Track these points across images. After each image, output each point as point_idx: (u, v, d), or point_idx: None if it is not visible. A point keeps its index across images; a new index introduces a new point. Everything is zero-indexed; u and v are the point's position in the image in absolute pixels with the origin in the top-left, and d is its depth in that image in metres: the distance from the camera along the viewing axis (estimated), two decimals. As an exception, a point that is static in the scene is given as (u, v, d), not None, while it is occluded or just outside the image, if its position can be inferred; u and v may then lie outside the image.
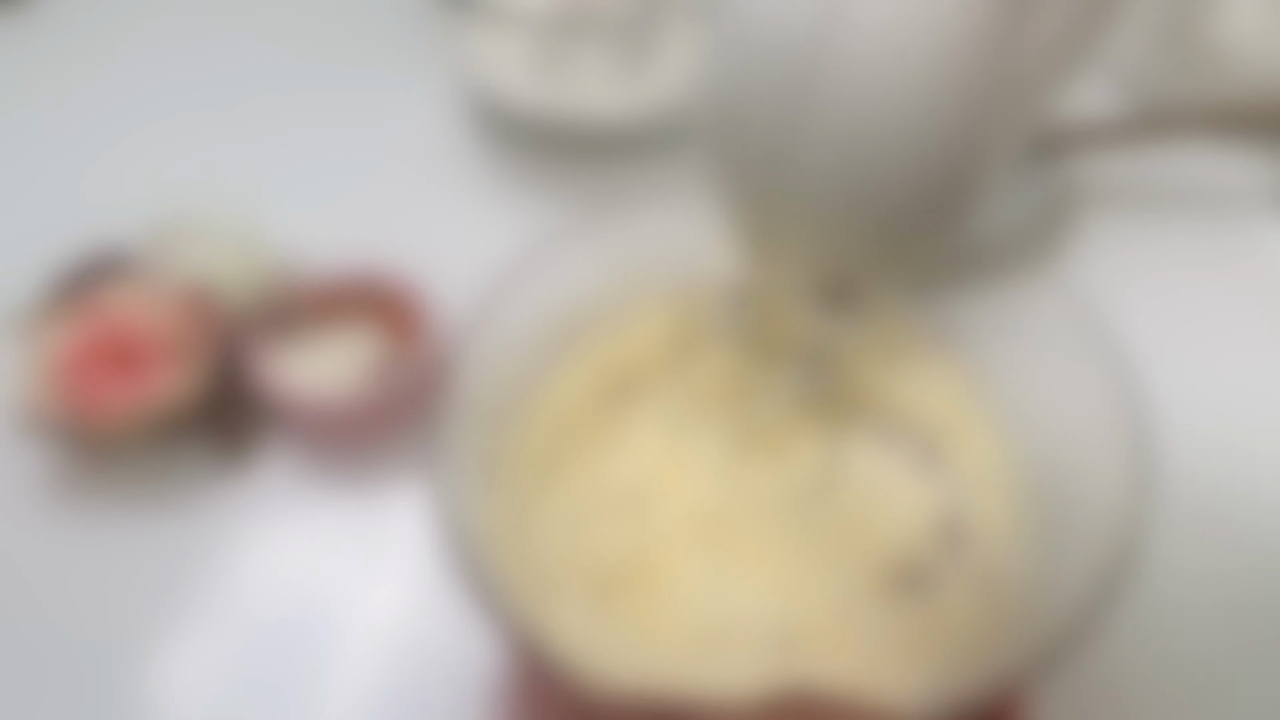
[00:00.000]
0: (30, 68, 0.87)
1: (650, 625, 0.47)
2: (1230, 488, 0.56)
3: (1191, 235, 0.69)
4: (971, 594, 0.47)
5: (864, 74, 0.27)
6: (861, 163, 0.28)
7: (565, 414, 0.53)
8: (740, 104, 0.29)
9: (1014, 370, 0.52)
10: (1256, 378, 0.61)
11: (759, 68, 0.28)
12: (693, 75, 0.65)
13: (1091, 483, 0.46)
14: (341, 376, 0.59)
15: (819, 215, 0.31)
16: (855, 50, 0.26)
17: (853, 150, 0.28)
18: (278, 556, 0.54)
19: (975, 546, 0.49)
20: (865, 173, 0.29)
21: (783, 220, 0.32)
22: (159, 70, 0.86)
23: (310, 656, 0.50)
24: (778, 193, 0.31)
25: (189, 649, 0.51)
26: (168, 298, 0.55)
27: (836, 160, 0.29)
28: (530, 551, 0.50)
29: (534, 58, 0.71)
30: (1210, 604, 0.51)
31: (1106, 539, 0.42)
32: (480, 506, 0.48)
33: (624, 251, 0.55)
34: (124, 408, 0.54)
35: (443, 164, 0.77)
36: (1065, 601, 0.43)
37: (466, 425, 0.49)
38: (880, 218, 0.30)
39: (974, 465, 0.52)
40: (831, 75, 0.27)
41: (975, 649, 0.45)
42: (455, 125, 0.80)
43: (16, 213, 0.75)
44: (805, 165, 0.29)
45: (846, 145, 0.28)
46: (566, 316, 0.54)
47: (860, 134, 0.28)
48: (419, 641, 0.51)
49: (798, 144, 0.29)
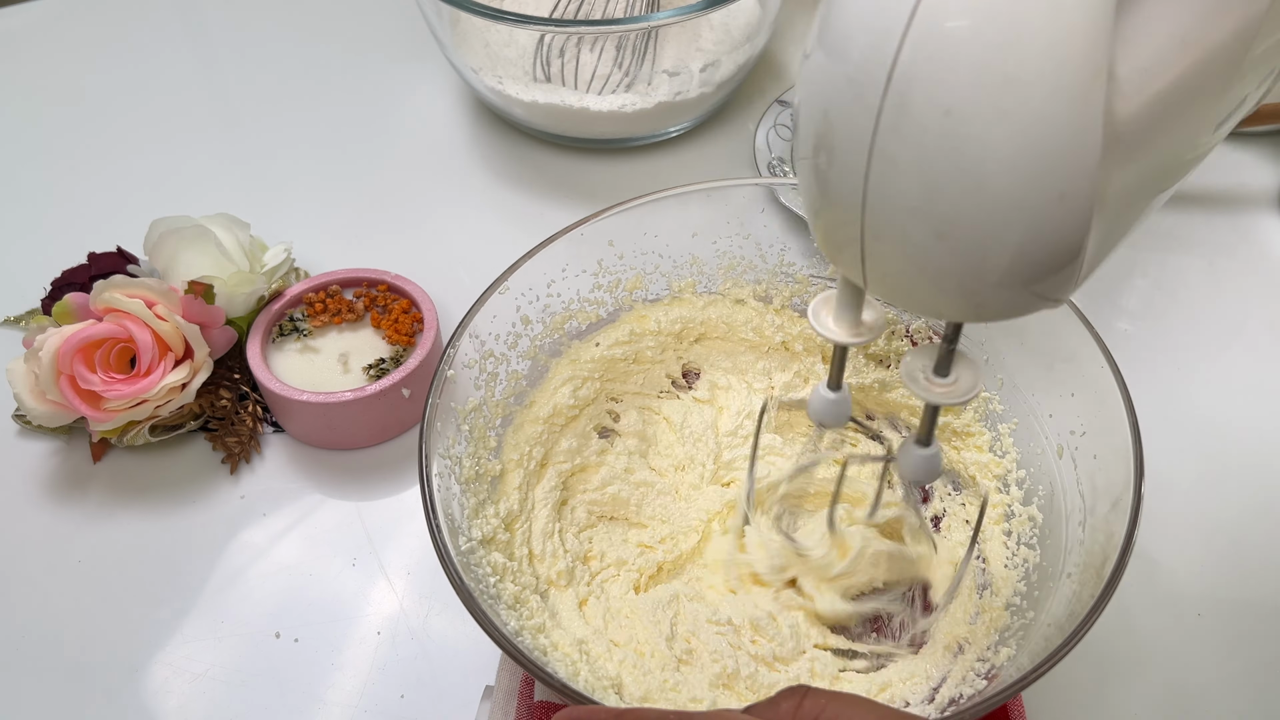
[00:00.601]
0: (32, 68, 0.87)
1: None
2: (1228, 483, 0.56)
3: (1196, 231, 0.69)
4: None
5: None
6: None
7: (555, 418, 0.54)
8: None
9: (1016, 371, 0.52)
10: (1260, 372, 0.61)
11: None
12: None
13: (1087, 490, 0.46)
14: (341, 377, 0.59)
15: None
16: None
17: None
18: (277, 555, 0.54)
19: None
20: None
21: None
22: (160, 70, 0.86)
23: (310, 655, 0.50)
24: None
25: (189, 646, 0.51)
26: (168, 298, 0.56)
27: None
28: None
29: (534, 58, 0.71)
30: (1200, 596, 0.51)
31: (1101, 546, 0.42)
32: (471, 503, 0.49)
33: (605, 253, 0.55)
34: (124, 408, 0.54)
35: (443, 165, 0.77)
36: (1062, 600, 0.43)
37: (458, 424, 0.49)
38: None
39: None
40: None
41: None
42: (456, 126, 0.80)
43: (19, 214, 0.75)
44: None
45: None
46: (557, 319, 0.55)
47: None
48: (418, 640, 0.51)
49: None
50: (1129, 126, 0.27)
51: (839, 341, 0.37)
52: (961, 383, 0.36)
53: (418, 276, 0.63)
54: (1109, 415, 0.44)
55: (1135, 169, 0.28)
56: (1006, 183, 0.27)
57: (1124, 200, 0.29)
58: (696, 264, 0.56)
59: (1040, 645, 0.40)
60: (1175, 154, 0.30)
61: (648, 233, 0.55)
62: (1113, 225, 0.29)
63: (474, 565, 0.45)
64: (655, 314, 0.56)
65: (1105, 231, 0.29)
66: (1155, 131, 0.28)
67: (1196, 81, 0.28)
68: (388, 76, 0.84)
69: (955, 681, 0.44)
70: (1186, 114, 0.28)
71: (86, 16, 0.91)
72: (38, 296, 0.64)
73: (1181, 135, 0.29)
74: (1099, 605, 0.38)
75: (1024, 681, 0.37)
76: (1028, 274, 0.29)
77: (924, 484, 0.39)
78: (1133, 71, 0.27)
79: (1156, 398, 0.60)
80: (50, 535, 0.56)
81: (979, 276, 0.29)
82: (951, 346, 0.35)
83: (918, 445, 0.39)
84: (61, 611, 0.53)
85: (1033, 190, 0.27)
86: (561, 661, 0.44)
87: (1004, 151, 0.26)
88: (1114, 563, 0.39)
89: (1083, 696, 0.48)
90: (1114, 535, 0.41)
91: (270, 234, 0.65)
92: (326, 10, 0.91)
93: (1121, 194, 0.28)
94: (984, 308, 0.30)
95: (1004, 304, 0.30)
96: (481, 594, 0.42)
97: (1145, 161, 0.28)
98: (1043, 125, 0.26)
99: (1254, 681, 0.49)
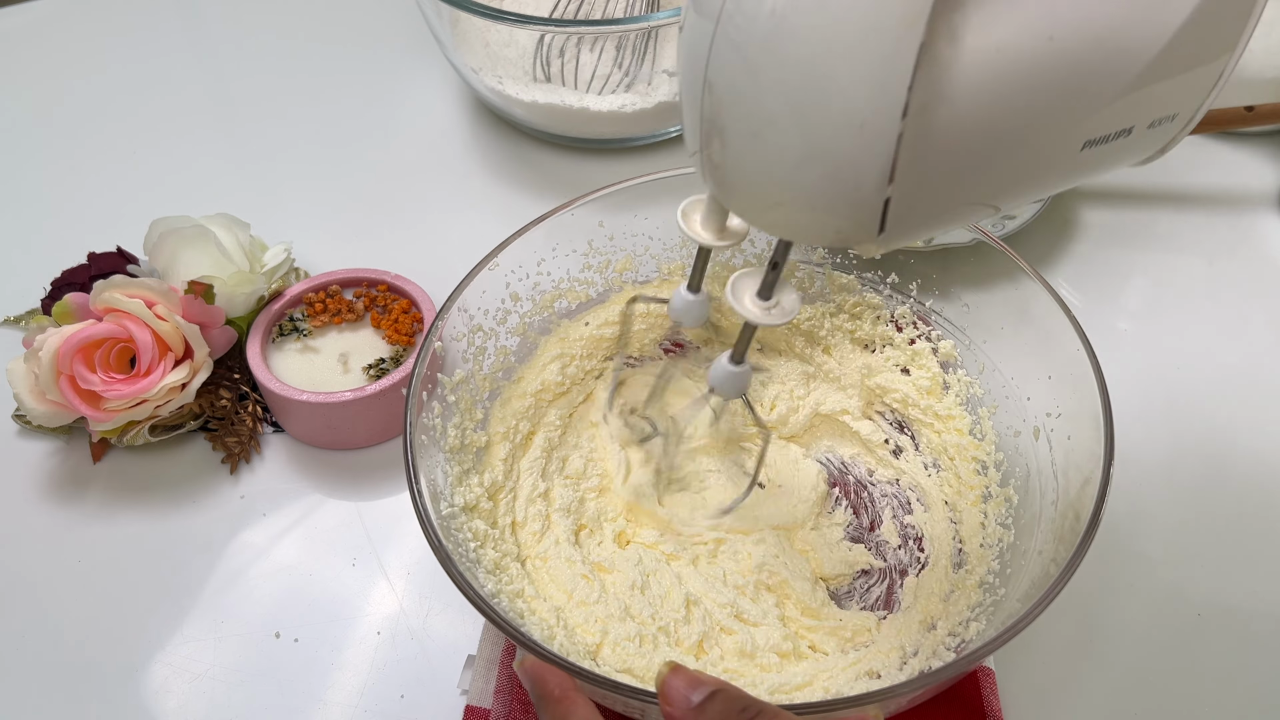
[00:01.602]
0: (32, 68, 0.87)
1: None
2: (1228, 483, 0.56)
3: (1196, 231, 0.69)
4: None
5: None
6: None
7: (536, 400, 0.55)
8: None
9: (1002, 355, 0.52)
10: (1260, 372, 0.61)
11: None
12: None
13: (1061, 468, 0.47)
14: (341, 377, 0.59)
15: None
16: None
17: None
18: (277, 555, 0.54)
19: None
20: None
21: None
22: (160, 71, 0.86)
23: (310, 655, 0.50)
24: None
25: (189, 646, 0.51)
26: (168, 298, 0.56)
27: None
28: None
29: (534, 58, 0.71)
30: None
31: (1071, 523, 0.42)
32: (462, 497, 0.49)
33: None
34: (124, 408, 0.54)
35: (443, 165, 0.77)
36: (1031, 577, 0.44)
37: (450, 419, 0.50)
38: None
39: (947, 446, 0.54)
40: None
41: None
42: (455, 126, 0.80)
43: (19, 214, 0.75)
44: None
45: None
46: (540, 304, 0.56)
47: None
48: (418, 640, 0.51)
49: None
50: (960, 85, 0.27)
51: (703, 243, 0.39)
52: (783, 305, 0.38)
53: (418, 276, 0.63)
54: (1083, 395, 0.45)
55: (965, 140, 0.28)
56: (812, 91, 0.28)
57: (949, 172, 0.29)
58: (686, 247, 0.57)
59: (1007, 620, 0.41)
60: (1026, 151, 0.30)
61: (637, 215, 0.55)
62: (934, 195, 0.30)
63: (455, 530, 0.45)
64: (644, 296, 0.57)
65: (922, 198, 0.30)
66: (994, 108, 0.28)
67: (1051, 78, 0.28)
68: (388, 76, 0.84)
69: (926, 655, 0.45)
70: (1035, 107, 0.29)
71: (86, 16, 0.91)
72: (38, 296, 0.64)
73: (1031, 129, 0.29)
74: (1064, 577, 0.39)
75: (987, 648, 0.38)
76: (824, 196, 0.30)
77: (729, 398, 0.43)
78: (977, 34, 0.27)
79: (1156, 398, 0.60)
80: (50, 535, 0.56)
81: (782, 183, 0.30)
82: (776, 272, 0.37)
83: (731, 362, 0.41)
84: (61, 611, 0.53)
85: (834, 107, 0.27)
86: (538, 625, 0.45)
87: (814, 51, 0.27)
88: (1080, 537, 0.40)
89: (1083, 697, 0.48)
90: (1083, 512, 0.41)
91: (270, 234, 0.65)
92: (326, 10, 0.91)
93: (946, 162, 0.29)
94: (792, 223, 0.32)
95: (808, 225, 0.32)
96: (460, 557, 0.42)
97: (979, 138, 0.29)
98: (855, 35, 0.27)
99: (1254, 682, 0.49)
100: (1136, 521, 0.54)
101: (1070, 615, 0.50)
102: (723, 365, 0.41)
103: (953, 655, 0.44)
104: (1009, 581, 0.46)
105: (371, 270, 0.62)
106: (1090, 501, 0.41)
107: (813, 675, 0.45)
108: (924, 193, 0.30)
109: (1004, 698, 0.47)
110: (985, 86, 0.28)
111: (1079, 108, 0.29)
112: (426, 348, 0.48)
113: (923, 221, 0.31)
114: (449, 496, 0.47)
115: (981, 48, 0.27)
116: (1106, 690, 0.48)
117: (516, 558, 0.49)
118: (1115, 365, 0.59)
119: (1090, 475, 0.43)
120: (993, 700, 0.46)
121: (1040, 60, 0.28)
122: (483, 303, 0.52)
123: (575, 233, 0.55)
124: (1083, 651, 0.50)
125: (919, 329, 0.55)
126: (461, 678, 0.49)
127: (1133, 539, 0.53)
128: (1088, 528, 0.40)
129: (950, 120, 0.28)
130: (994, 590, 0.46)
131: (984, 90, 0.28)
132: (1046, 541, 0.44)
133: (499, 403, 0.54)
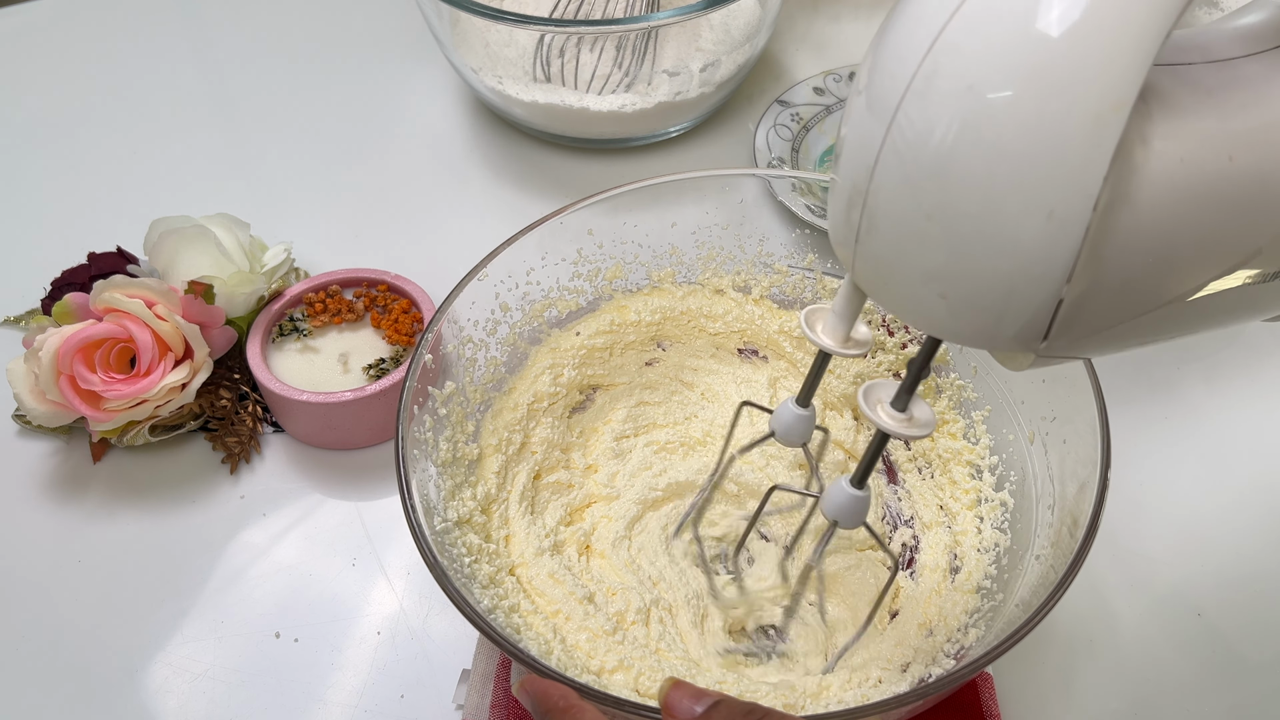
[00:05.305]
0: (32, 68, 0.87)
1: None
2: (1228, 483, 0.56)
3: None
4: None
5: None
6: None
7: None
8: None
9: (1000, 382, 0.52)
10: (1260, 372, 0.61)
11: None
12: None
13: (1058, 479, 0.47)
14: (341, 377, 0.59)
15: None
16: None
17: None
18: (277, 555, 0.54)
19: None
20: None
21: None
22: (160, 71, 0.86)
23: (310, 655, 0.50)
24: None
25: (189, 646, 0.51)
26: (168, 298, 0.56)
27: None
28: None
29: (534, 58, 0.71)
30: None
31: (1069, 528, 0.42)
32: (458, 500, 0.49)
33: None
34: (124, 408, 0.54)
35: (443, 165, 0.77)
36: (1029, 584, 0.43)
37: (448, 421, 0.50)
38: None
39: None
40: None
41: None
42: (455, 126, 0.80)
43: (19, 214, 0.75)
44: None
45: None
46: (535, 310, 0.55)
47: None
48: (418, 640, 0.51)
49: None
50: (1145, 189, 0.27)
51: (826, 349, 0.37)
52: (917, 417, 0.36)
53: (418, 276, 0.63)
54: (1078, 399, 0.45)
55: (1142, 246, 0.27)
56: (1001, 176, 0.26)
57: (1122, 283, 0.28)
58: (676, 254, 0.57)
59: (1006, 626, 0.41)
60: (1198, 269, 0.29)
61: (627, 223, 0.55)
62: (1104, 305, 0.29)
63: (449, 545, 0.45)
64: (635, 304, 0.57)
65: (1093, 307, 0.28)
66: (1174, 219, 0.27)
67: (1229, 198, 0.27)
68: (388, 76, 0.84)
69: (925, 661, 0.45)
70: (1212, 224, 0.28)
71: (86, 16, 0.91)
72: (38, 296, 0.64)
73: (1205, 248, 0.28)
74: (1064, 583, 0.39)
75: (988, 657, 0.37)
76: (995, 290, 0.28)
77: (849, 528, 0.40)
78: (1164, 141, 0.26)
79: (1155, 398, 0.60)
80: (50, 535, 0.56)
81: (952, 275, 0.29)
82: (917, 378, 0.35)
83: (852, 485, 0.38)
84: (61, 611, 0.53)
85: (1025, 193, 0.26)
86: (535, 640, 0.45)
87: (1010, 134, 0.26)
88: (1079, 543, 0.40)
89: (1083, 698, 0.48)
90: (1080, 518, 0.41)
91: (270, 234, 0.65)
92: (326, 10, 0.91)
93: (1120, 270, 0.28)
94: (953, 318, 0.30)
95: (969, 322, 0.30)
96: (455, 573, 0.42)
97: (1156, 246, 0.28)
98: (1052, 125, 0.26)
99: (1254, 682, 0.49)
100: (1136, 521, 0.54)
101: (1069, 615, 0.50)
102: (843, 490, 0.38)
103: (952, 662, 0.44)
104: (1006, 587, 0.45)
105: (371, 270, 0.62)
106: (1088, 507, 0.41)
107: (817, 687, 0.45)
108: (1095, 300, 0.28)
109: (1002, 698, 0.47)
110: (1167, 195, 0.27)
111: (1256, 233, 0.28)
112: (417, 361, 0.47)
113: (1087, 334, 0.30)
114: (442, 511, 0.47)
115: (1168, 154, 0.27)
116: (1106, 691, 0.48)
117: (511, 572, 0.49)
118: (1115, 364, 0.59)
119: (1087, 480, 0.42)
120: (991, 704, 0.46)
121: (1220, 178, 0.27)
122: (472, 314, 0.51)
123: (564, 241, 0.54)
124: (1082, 652, 0.50)
125: (910, 333, 0.55)
126: (457, 692, 0.48)
127: (1133, 539, 0.53)
128: (1085, 534, 0.40)
129: (1131, 224, 0.27)
130: (992, 595, 0.46)
131: (1166, 199, 0.27)
132: (1044, 547, 0.44)
133: (490, 414, 0.53)
